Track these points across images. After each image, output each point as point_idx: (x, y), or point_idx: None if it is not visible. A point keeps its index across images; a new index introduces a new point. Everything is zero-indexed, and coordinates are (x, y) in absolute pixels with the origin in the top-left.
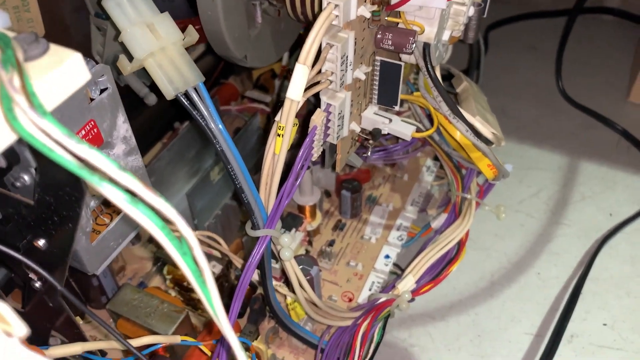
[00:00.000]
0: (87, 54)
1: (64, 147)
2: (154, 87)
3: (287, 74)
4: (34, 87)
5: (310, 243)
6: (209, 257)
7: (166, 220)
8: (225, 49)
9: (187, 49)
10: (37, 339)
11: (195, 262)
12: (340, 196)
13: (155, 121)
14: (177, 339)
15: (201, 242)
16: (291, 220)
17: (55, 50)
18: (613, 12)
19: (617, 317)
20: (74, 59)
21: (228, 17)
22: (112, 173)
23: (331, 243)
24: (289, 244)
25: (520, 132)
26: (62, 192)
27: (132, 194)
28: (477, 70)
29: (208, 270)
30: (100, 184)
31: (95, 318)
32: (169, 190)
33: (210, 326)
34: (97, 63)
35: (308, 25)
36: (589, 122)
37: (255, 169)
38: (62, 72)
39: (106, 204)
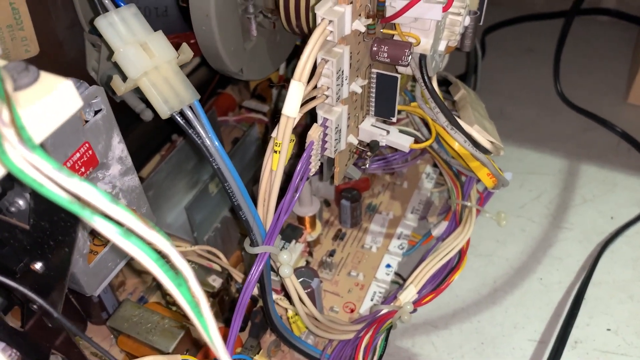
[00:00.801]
0: (82, 71)
1: (54, 182)
2: (150, 103)
3: (284, 83)
4: (23, 120)
5: (310, 254)
6: (209, 270)
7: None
8: (221, 63)
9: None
10: (37, 358)
11: (191, 293)
12: (339, 205)
13: (153, 134)
14: (178, 358)
15: (201, 256)
16: (291, 231)
17: (46, 78)
18: (610, 12)
19: (621, 321)
20: (64, 86)
21: (223, 31)
22: (104, 207)
23: (332, 253)
24: (288, 261)
25: (519, 135)
26: (56, 217)
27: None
28: (475, 76)
29: (204, 301)
30: (91, 219)
31: (91, 342)
32: (168, 203)
33: None
34: (92, 80)
35: (304, 37)
36: (588, 124)
37: (255, 179)
38: (53, 100)
39: None
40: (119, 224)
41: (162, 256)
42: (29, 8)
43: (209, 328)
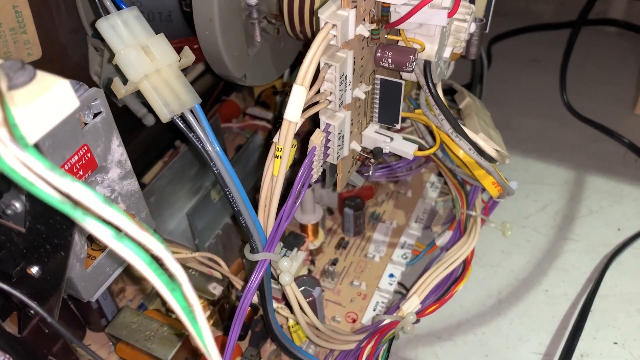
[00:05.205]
0: (85, 75)
1: (46, 181)
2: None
3: (288, 90)
4: (16, 118)
5: (312, 262)
6: (210, 278)
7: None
8: (224, 69)
9: (187, 67)
10: None
11: (185, 298)
12: (342, 214)
13: (156, 139)
14: None
15: (202, 263)
16: (293, 239)
17: (42, 77)
18: (617, 23)
19: (628, 335)
20: (61, 86)
21: (226, 36)
22: (96, 207)
23: (334, 262)
24: (288, 268)
25: (525, 146)
26: (52, 220)
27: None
28: (480, 85)
29: (198, 306)
30: (83, 219)
31: (86, 349)
32: (170, 210)
33: None
34: (95, 84)
35: (308, 43)
36: (594, 135)
37: (258, 187)
38: (48, 99)
39: None
40: (113, 226)
41: (157, 260)
42: (33, 11)
43: (203, 334)
